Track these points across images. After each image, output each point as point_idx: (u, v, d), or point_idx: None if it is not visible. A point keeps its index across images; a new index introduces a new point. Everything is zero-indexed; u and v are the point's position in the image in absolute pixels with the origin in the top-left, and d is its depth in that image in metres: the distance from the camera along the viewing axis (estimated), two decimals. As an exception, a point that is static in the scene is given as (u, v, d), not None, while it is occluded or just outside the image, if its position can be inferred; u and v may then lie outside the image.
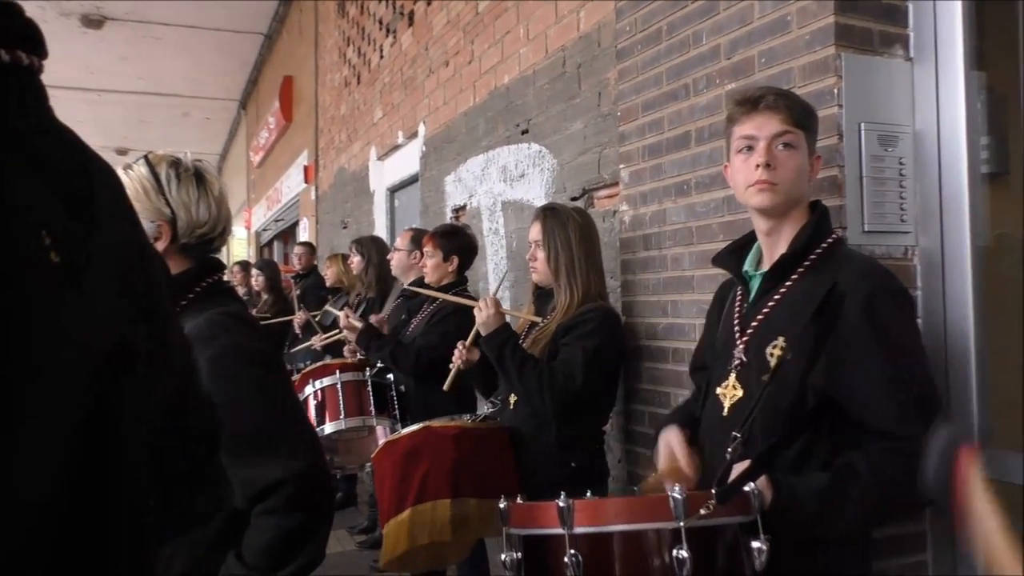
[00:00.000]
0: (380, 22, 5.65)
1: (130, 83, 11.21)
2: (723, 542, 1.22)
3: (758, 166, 1.45)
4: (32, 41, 0.53)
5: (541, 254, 2.30)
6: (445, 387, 2.54)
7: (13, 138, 0.48)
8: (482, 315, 2.28)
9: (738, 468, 1.30)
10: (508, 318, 2.38)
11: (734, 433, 1.37)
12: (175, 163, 1.39)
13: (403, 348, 2.98)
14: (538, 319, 2.32)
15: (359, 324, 3.16)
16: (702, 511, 1.16)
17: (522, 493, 1.38)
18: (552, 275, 2.28)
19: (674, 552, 1.15)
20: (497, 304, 2.31)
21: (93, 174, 0.53)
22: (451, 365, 2.54)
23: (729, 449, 1.34)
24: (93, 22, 9.00)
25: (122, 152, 13.78)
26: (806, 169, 1.49)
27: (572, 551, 1.17)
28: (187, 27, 9.32)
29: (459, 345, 2.52)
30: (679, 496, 1.16)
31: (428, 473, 2.08)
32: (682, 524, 1.15)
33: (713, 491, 1.21)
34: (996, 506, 0.87)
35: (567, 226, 2.27)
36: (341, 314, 3.31)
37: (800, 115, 1.48)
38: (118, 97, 11.63)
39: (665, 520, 1.16)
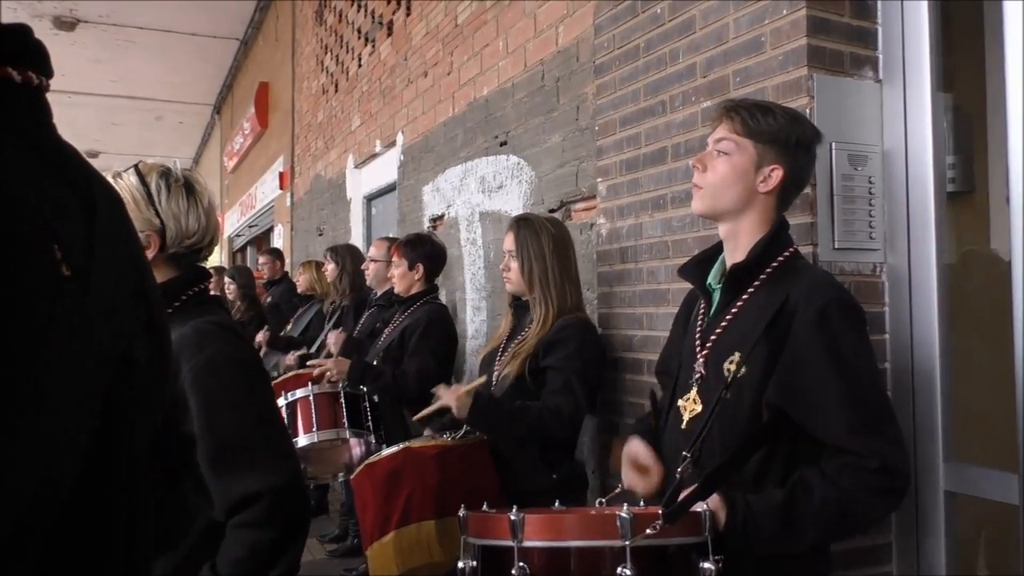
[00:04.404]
0: (359, 31, 5.65)
1: (102, 86, 11.07)
2: (670, 562, 1.24)
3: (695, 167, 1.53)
4: (41, 62, 0.55)
5: (515, 264, 2.30)
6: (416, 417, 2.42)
7: (28, 152, 0.50)
8: (455, 409, 2.13)
9: (689, 488, 1.30)
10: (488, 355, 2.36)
11: (684, 452, 1.37)
12: (165, 173, 1.38)
13: (403, 376, 2.88)
14: (480, 381, 2.23)
15: (347, 360, 3.06)
16: (648, 531, 1.19)
17: (506, 505, 1.39)
18: (526, 286, 2.29)
19: (619, 569, 1.18)
20: (455, 390, 2.16)
21: (94, 188, 0.55)
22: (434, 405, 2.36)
23: (679, 469, 1.34)
24: (65, 24, 8.89)
25: (93, 155, 13.58)
26: (743, 176, 1.47)
27: (521, 563, 1.22)
28: (162, 31, 9.23)
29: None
30: (626, 515, 1.19)
31: (411, 495, 2.06)
32: (627, 543, 1.18)
33: (661, 511, 1.22)
34: None
35: (540, 236, 2.28)
36: (330, 363, 3.01)
37: (755, 124, 1.47)
38: (90, 100, 11.47)
39: (612, 538, 1.20)
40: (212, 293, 1.48)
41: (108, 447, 0.51)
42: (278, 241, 8.51)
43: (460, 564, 1.31)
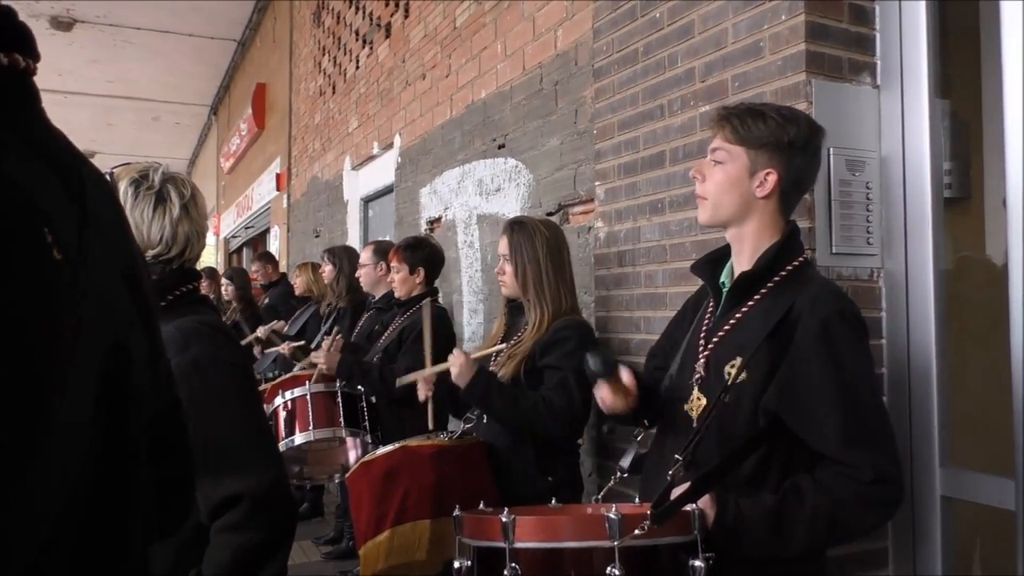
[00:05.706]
0: (356, 33, 5.65)
1: (99, 86, 11.05)
2: (660, 561, 1.26)
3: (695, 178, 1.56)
4: (27, 45, 0.54)
5: (509, 268, 2.30)
6: (430, 426, 2.48)
7: (14, 135, 0.50)
8: (455, 369, 2.20)
9: (679, 489, 1.31)
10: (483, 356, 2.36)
11: (676, 456, 1.37)
12: (137, 181, 1.34)
13: (391, 373, 2.90)
14: (502, 347, 2.27)
15: (338, 355, 3.09)
16: (636, 531, 1.21)
17: (501, 506, 1.40)
18: (520, 289, 2.29)
19: (608, 569, 1.20)
20: (466, 354, 2.24)
21: (83, 173, 0.54)
22: (422, 397, 2.48)
23: (670, 472, 1.34)
24: (62, 24, 8.87)
25: (89, 155, 13.41)
26: (738, 183, 1.48)
27: (513, 564, 1.24)
28: (159, 32, 9.22)
29: (420, 383, 2.47)
30: (614, 516, 1.21)
31: (407, 494, 2.06)
32: (616, 544, 1.20)
33: (649, 512, 1.23)
34: None
35: (534, 239, 2.28)
36: (322, 354, 3.07)
37: (745, 131, 1.47)
38: (86, 100, 11.44)
39: (601, 539, 1.22)
40: (202, 293, 1.46)
41: (108, 436, 0.51)
42: (274, 243, 8.49)
43: (456, 564, 1.33)
